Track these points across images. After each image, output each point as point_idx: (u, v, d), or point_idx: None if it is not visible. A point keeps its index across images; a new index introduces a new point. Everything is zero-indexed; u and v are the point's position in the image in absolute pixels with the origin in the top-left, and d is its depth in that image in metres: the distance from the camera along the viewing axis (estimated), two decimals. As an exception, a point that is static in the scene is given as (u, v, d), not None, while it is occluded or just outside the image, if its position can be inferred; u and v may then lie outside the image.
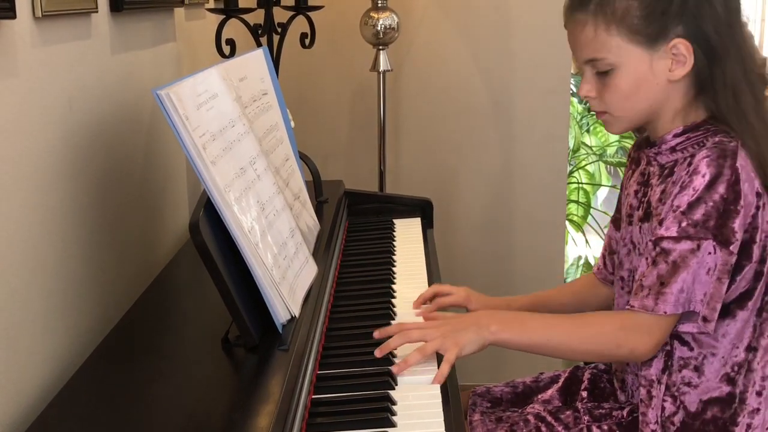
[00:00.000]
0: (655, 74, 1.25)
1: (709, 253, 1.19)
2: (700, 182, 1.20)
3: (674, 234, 1.20)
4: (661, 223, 1.23)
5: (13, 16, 1.06)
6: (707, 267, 1.19)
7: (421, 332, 1.26)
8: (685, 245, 1.19)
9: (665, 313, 1.20)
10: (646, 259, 1.23)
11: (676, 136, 1.28)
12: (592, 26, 1.25)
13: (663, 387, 1.29)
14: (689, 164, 1.24)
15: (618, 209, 1.49)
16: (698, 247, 1.19)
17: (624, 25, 1.23)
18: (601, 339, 1.27)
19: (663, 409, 1.29)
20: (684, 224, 1.19)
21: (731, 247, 1.19)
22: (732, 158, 1.20)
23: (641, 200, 1.34)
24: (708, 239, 1.19)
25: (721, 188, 1.19)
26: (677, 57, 1.24)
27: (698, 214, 1.19)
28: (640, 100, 1.28)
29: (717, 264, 1.19)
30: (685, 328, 1.24)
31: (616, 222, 1.48)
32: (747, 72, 1.25)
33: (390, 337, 1.26)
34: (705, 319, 1.21)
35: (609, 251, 1.50)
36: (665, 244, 1.21)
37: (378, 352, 1.24)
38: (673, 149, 1.28)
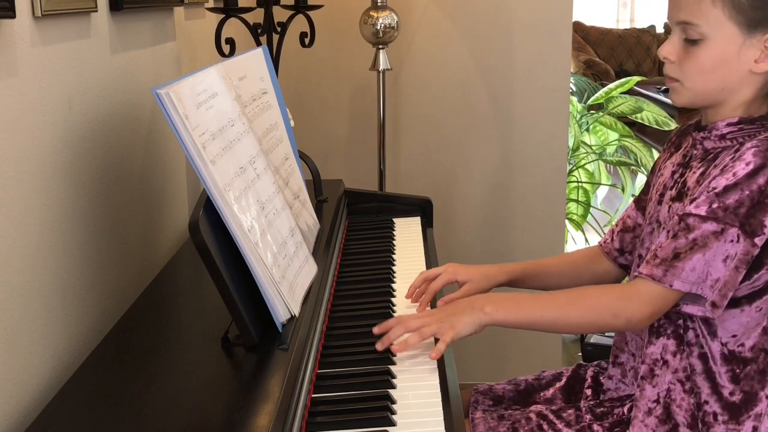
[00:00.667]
0: (740, 60, 1.23)
1: (731, 241, 1.18)
2: (742, 169, 1.19)
3: (702, 213, 1.19)
4: (692, 201, 1.22)
5: (13, 16, 1.06)
6: (725, 254, 1.18)
7: (419, 320, 1.28)
8: (710, 226, 1.18)
9: (671, 285, 1.20)
10: (668, 231, 1.22)
11: (730, 125, 1.26)
12: None
13: (671, 369, 1.29)
14: (736, 151, 1.23)
15: (645, 191, 1.47)
16: (722, 231, 1.18)
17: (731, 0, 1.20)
18: (597, 309, 1.27)
19: (669, 391, 1.29)
20: (715, 206, 1.19)
21: (756, 239, 1.18)
22: None
23: (677, 180, 1.32)
24: (735, 226, 1.18)
25: (762, 179, 1.18)
26: (767, 51, 1.22)
27: (732, 199, 1.18)
28: (714, 79, 1.25)
29: (737, 253, 1.18)
30: (690, 309, 1.23)
31: (639, 202, 1.47)
32: None
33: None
34: (714, 305, 1.20)
35: (622, 228, 1.49)
36: (690, 221, 1.20)
37: (379, 345, 1.25)
38: (722, 137, 1.27)
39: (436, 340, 1.26)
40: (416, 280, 1.49)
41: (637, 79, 3.90)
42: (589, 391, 1.48)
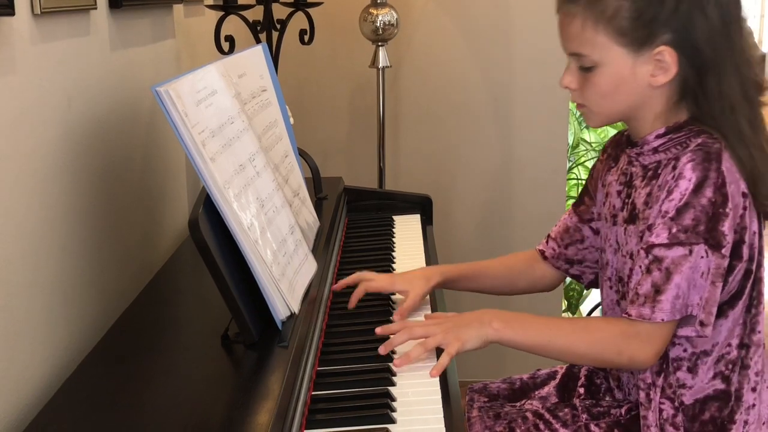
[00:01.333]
0: (636, 78, 1.24)
1: (702, 257, 1.18)
2: (686, 186, 1.19)
3: (665, 241, 1.19)
4: (650, 228, 1.22)
5: (12, 13, 1.06)
6: (701, 270, 1.18)
7: (425, 329, 1.27)
8: (677, 251, 1.18)
9: (662, 320, 1.20)
10: (640, 267, 1.22)
11: (658, 137, 1.27)
12: (581, 21, 1.24)
13: (659, 389, 1.29)
14: (674, 167, 1.22)
15: (582, 200, 1.47)
16: (690, 252, 1.18)
17: (612, 25, 1.22)
18: (603, 344, 1.26)
19: (661, 411, 1.29)
20: (674, 230, 1.19)
21: (723, 251, 1.19)
22: (717, 161, 1.19)
23: (625, 201, 1.32)
24: (699, 243, 1.18)
25: (709, 192, 1.18)
26: (661, 64, 1.22)
27: (687, 219, 1.18)
28: (618, 100, 1.27)
29: (710, 268, 1.19)
30: (684, 332, 1.23)
31: (577, 211, 1.47)
32: (743, 81, 1.23)
33: (391, 335, 1.27)
34: (702, 324, 1.20)
35: (563, 238, 1.48)
36: (657, 252, 1.20)
37: (382, 349, 1.24)
38: (655, 150, 1.27)
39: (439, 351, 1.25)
40: (350, 278, 1.47)
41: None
42: (582, 390, 1.47)
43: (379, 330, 1.28)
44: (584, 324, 1.32)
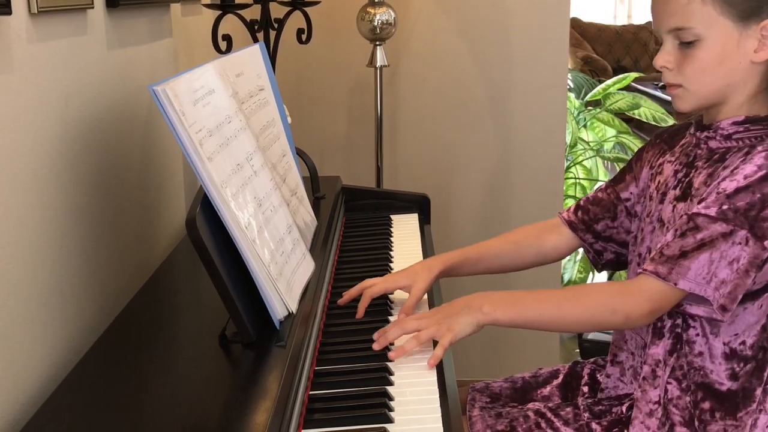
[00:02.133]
0: (740, 52, 1.23)
1: (739, 243, 1.17)
2: (753, 172, 1.19)
3: (712, 213, 1.18)
4: (701, 201, 1.22)
5: (9, 12, 1.05)
6: (732, 257, 1.18)
7: (417, 322, 1.27)
8: (719, 227, 1.18)
9: (676, 284, 1.19)
10: (675, 230, 1.21)
11: (735, 123, 1.26)
12: None
13: (669, 369, 1.29)
14: (746, 153, 1.22)
15: (623, 178, 1.45)
16: (731, 232, 1.17)
17: None
18: (596, 306, 1.25)
19: (666, 390, 1.29)
20: (725, 207, 1.18)
21: (766, 243, 1.18)
22: None
23: (681, 180, 1.31)
24: (744, 229, 1.17)
25: None
26: (765, 39, 1.21)
27: (743, 201, 1.18)
28: (718, 76, 1.25)
29: (746, 256, 1.18)
30: (695, 310, 1.22)
31: (620, 189, 1.45)
32: None
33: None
34: (723, 308, 1.19)
35: (594, 211, 1.47)
36: (699, 220, 1.19)
37: (376, 345, 1.25)
38: (728, 137, 1.27)
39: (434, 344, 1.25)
40: (353, 290, 1.44)
41: (634, 75, 3.90)
42: (586, 389, 1.47)
43: (376, 335, 1.28)
44: (575, 290, 1.32)
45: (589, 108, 3.78)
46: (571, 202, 3.38)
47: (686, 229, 1.20)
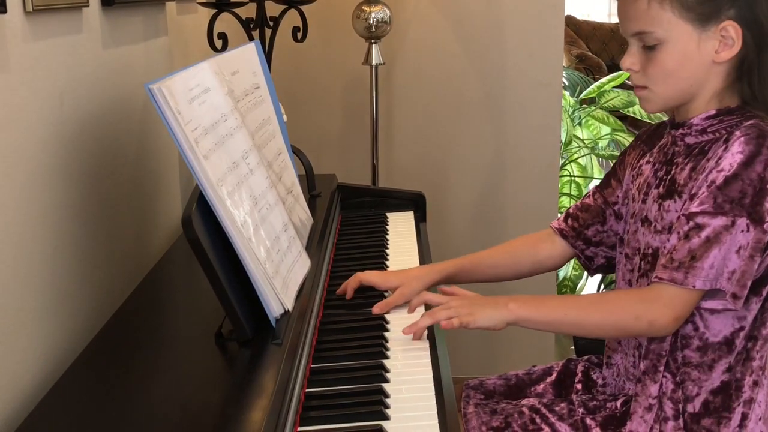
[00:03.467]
0: (701, 53, 1.25)
1: (742, 231, 1.19)
2: (737, 158, 1.20)
3: (709, 209, 1.20)
4: (693, 198, 1.23)
5: (4, 11, 1.05)
6: (738, 245, 1.19)
7: (439, 299, 1.32)
8: (720, 221, 1.19)
9: (694, 287, 1.20)
10: (678, 233, 1.23)
11: (708, 118, 1.28)
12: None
13: (665, 362, 1.30)
14: (726, 141, 1.24)
15: (608, 183, 1.47)
16: (732, 223, 1.19)
17: (678, 0, 1.23)
18: (619, 312, 1.27)
19: (661, 384, 1.30)
20: (719, 200, 1.20)
21: (765, 226, 1.19)
22: None
23: (662, 178, 1.33)
24: (743, 216, 1.19)
25: (759, 166, 1.19)
26: (725, 39, 1.24)
27: (734, 190, 1.19)
28: (682, 78, 1.28)
29: (749, 242, 1.19)
30: (710, 304, 1.24)
31: (606, 194, 1.47)
32: None
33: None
34: (735, 296, 1.21)
35: (584, 217, 1.48)
36: (699, 219, 1.20)
37: (377, 309, 1.32)
38: (703, 131, 1.29)
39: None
40: (349, 280, 1.47)
41: (628, 73, 3.90)
42: (579, 386, 1.48)
43: (377, 308, 1.33)
44: (600, 296, 1.35)
45: (584, 106, 3.78)
46: (565, 200, 3.40)
47: (689, 230, 1.21)
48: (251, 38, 1.98)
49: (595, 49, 7.49)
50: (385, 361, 1.22)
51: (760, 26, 1.23)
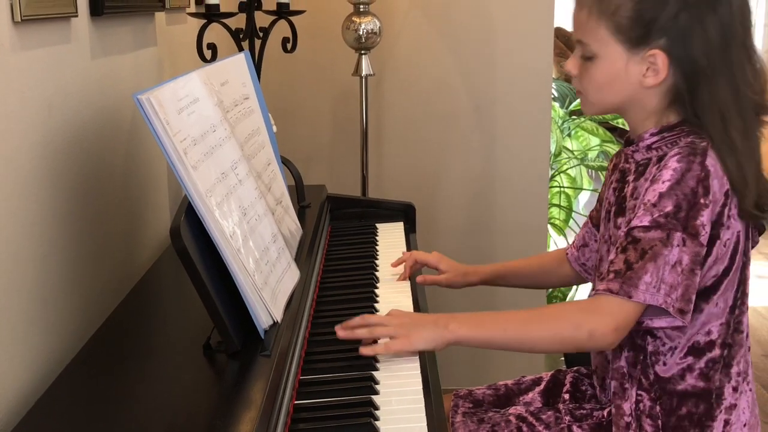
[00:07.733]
0: (629, 75, 1.28)
1: (678, 246, 1.20)
2: (670, 175, 1.22)
3: (646, 223, 1.21)
4: (632, 216, 1.25)
5: (-8, 21, 1.05)
6: (674, 260, 1.20)
7: (380, 318, 1.31)
8: (655, 234, 1.20)
9: (630, 297, 1.20)
10: (617, 247, 1.24)
11: (652, 135, 1.30)
12: (587, 11, 1.28)
13: (636, 382, 1.30)
14: (659, 160, 1.26)
15: (595, 207, 1.52)
16: (668, 237, 1.20)
17: (612, 20, 1.26)
18: (559, 323, 1.26)
19: (638, 402, 1.30)
20: (655, 215, 1.21)
21: (701, 239, 1.21)
22: (702, 156, 1.22)
23: (617, 196, 1.36)
24: (678, 231, 1.20)
25: (691, 182, 1.21)
26: (653, 66, 1.26)
27: (669, 206, 1.20)
28: (611, 94, 1.31)
29: (687, 257, 1.20)
30: (658, 323, 1.24)
31: (592, 217, 1.52)
32: (740, 97, 1.25)
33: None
34: (681, 312, 1.21)
35: (579, 242, 1.56)
36: (636, 233, 1.22)
37: (341, 332, 1.29)
38: (649, 147, 1.31)
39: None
40: (405, 255, 1.65)
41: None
42: (567, 396, 1.48)
43: (338, 328, 1.31)
44: (539, 309, 1.34)
45: (573, 117, 3.80)
46: (555, 211, 3.41)
47: (626, 244, 1.23)
48: (241, 49, 1.98)
49: (584, 61, 7.52)
50: (374, 373, 1.22)
51: (692, 61, 1.24)
